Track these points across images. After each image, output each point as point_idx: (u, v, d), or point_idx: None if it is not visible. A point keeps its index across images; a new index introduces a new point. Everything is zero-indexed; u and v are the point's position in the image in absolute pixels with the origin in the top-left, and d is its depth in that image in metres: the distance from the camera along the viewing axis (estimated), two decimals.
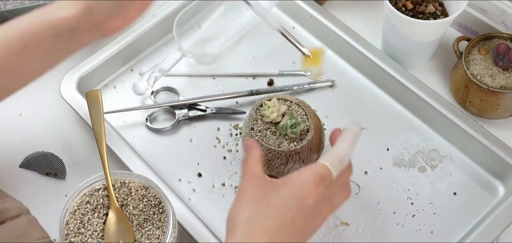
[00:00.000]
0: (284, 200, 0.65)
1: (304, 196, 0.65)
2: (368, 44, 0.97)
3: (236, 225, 0.64)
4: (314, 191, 0.65)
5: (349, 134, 0.70)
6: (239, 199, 0.66)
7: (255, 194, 0.65)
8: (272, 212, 0.64)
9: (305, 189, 0.65)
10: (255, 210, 0.64)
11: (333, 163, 0.67)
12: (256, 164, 0.68)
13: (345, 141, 0.69)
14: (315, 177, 0.66)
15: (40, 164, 0.89)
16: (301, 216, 0.65)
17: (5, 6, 0.96)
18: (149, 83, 0.92)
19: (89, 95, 0.85)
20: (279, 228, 0.64)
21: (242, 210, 0.65)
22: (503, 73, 0.89)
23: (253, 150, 0.70)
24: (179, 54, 0.94)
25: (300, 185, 0.65)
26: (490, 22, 0.98)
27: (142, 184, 0.77)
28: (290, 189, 0.65)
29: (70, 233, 0.73)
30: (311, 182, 0.65)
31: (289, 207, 0.64)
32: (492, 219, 0.80)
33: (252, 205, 0.64)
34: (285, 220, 0.64)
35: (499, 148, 0.85)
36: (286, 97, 0.84)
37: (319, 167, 0.67)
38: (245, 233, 0.63)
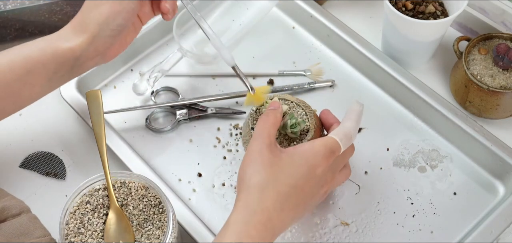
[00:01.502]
0: (297, 167, 0.69)
1: (315, 166, 0.70)
2: (368, 44, 0.97)
3: (250, 189, 0.68)
4: (324, 163, 0.70)
5: (354, 113, 0.76)
6: (253, 160, 0.70)
7: (269, 159, 0.69)
8: (285, 178, 0.69)
9: (317, 159, 0.70)
10: (269, 174, 0.68)
11: (342, 139, 0.73)
12: (273, 128, 0.73)
13: (351, 119, 0.75)
14: (326, 149, 0.71)
15: (40, 164, 0.89)
16: (309, 184, 0.70)
17: (5, 6, 0.96)
18: (149, 83, 0.92)
19: (89, 95, 0.85)
20: (289, 193, 0.68)
21: (258, 173, 0.68)
22: (503, 73, 0.89)
23: (276, 112, 0.75)
24: (179, 54, 0.94)
25: (312, 155, 0.70)
26: (490, 22, 0.98)
27: (142, 184, 0.77)
28: (304, 157, 0.70)
29: (70, 233, 0.73)
30: (322, 154, 0.70)
31: (301, 174, 0.69)
32: (492, 219, 0.80)
33: (267, 170, 0.68)
34: (296, 186, 0.69)
35: (499, 148, 0.85)
36: (286, 97, 0.84)
37: (330, 140, 0.72)
38: (259, 196, 0.67)
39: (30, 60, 0.77)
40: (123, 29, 0.80)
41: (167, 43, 1.02)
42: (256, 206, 0.67)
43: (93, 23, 0.77)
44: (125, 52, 0.98)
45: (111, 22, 0.78)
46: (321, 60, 1.00)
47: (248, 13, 1.01)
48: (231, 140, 0.91)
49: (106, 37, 0.78)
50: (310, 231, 0.82)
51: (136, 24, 0.84)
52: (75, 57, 0.78)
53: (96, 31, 0.77)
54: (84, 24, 0.78)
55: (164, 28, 1.01)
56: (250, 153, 0.70)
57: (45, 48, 0.78)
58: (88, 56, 0.79)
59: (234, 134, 0.91)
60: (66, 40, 0.78)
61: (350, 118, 0.75)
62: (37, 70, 0.77)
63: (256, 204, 0.67)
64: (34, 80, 0.78)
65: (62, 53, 0.77)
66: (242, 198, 0.68)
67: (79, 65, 0.79)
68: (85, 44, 0.78)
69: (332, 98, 0.96)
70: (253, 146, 0.71)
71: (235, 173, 0.88)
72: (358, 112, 0.76)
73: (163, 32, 1.02)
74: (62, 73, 0.79)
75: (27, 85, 0.78)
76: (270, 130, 0.72)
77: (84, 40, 0.77)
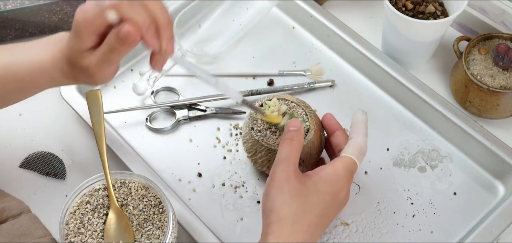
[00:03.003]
0: (322, 196, 0.69)
1: (338, 191, 0.70)
2: (368, 44, 0.97)
3: (282, 220, 0.67)
4: (346, 186, 0.71)
5: (362, 125, 0.76)
6: (281, 190, 0.68)
7: (297, 188, 0.69)
8: (313, 208, 0.68)
9: (339, 184, 0.70)
10: (298, 205, 0.68)
11: (359, 157, 0.73)
12: (299, 152, 0.72)
13: (361, 132, 0.75)
14: (347, 172, 0.71)
15: (40, 164, 0.89)
16: (333, 210, 0.71)
17: (5, 6, 0.96)
18: (149, 83, 0.92)
19: (89, 95, 0.85)
20: (317, 224, 0.69)
21: (287, 205, 0.67)
22: (503, 73, 0.89)
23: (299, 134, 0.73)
24: (179, 54, 0.94)
25: (335, 180, 0.70)
26: (490, 22, 0.98)
27: (142, 184, 0.77)
28: (328, 184, 0.70)
29: (70, 233, 0.73)
30: (344, 177, 0.71)
31: (326, 203, 0.69)
32: (492, 219, 0.80)
33: (296, 200, 0.68)
34: (323, 215, 0.69)
35: (499, 148, 0.85)
36: (286, 97, 0.84)
37: (349, 162, 0.72)
38: (292, 229, 0.67)
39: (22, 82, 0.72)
40: None
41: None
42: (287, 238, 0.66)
43: None
44: None
45: None
46: (321, 60, 1.00)
47: (248, 13, 1.01)
48: (231, 140, 0.91)
49: None
50: None
51: None
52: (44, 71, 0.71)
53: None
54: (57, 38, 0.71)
55: None
56: (276, 180, 0.69)
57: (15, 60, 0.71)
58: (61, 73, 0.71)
59: (234, 134, 0.91)
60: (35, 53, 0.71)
61: (360, 132, 0.75)
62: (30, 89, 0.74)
63: (287, 237, 0.66)
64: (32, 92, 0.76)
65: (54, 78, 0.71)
66: (274, 231, 0.67)
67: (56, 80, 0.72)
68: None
69: (332, 98, 0.96)
70: (278, 172, 0.69)
71: (235, 173, 0.87)
72: (366, 122, 0.77)
73: None
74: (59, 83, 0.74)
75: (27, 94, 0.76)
76: (295, 155, 0.71)
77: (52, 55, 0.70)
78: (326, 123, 0.80)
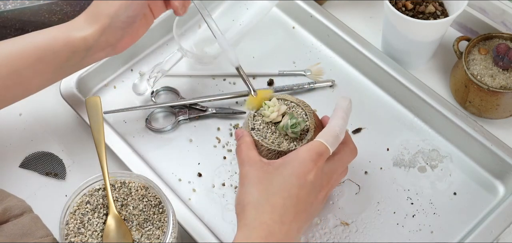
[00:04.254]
0: (286, 178, 0.69)
1: (304, 172, 0.69)
2: (368, 44, 0.97)
3: (245, 208, 0.68)
4: (313, 167, 0.70)
5: (340, 110, 0.75)
6: (243, 184, 0.71)
7: (258, 176, 0.70)
8: (277, 189, 0.68)
9: (304, 166, 0.70)
10: (260, 191, 0.69)
11: (328, 139, 0.72)
12: (251, 149, 0.74)
13: (338, 116, 0.74)
14: (312, 154, 0.70)
15: (40, 164, 0.89)
16: (304, 192, 0.69)
17: (5, 6, 0.96)
18: (149, 83, 0.92)
19: (88, 102, 0.85)
20: (285, 205, 0.68)
21: (249, 193, 0.69)
22: (503, 73, 0.89)
23: (244, 137, 0.76)
24: (179, 54, 0.94)
25: (299, 162, 0.70)
26: (490, 22, 0.98)
27: (142, 184, 0.77)
28: (291, 166, 0.70)
29: (70, 233, 0.73)
30: (309, 159, 0.70)
31: (292, 184, 0.69)
32: (492, 219, 0.80)
33: (257, 187, 0.69)
34: (290, 196, 0.68)
35: (499, 148, 0.85)
36: (286, 97, 0.84)
37: (315, 144, 0.71)
38: (255, 212, 0.67)
39: (41, 48, 0.79)
40: (134, 21, 0.81)
41: (167, 43, 1.02)
42: (253, 222, 0.67)
43: (104, 14, 0.79)
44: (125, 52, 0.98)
45: (122, 13, 0.79)
46: (321, 60, 1.00)
47: (248, 13, 1.01)
48: (231, 140, 0.91)
49: (117, 28, 0.80)
50: (310, 231, 0.82)
51: (147, 16, 0.84)
52: (87, 47, 0.79)
53: (107, 22, 0.79)
54: (96, 15, 0.79)
55: (164, 28, 1.01)
56: (241, 179, 0.72)
57: (57, 37, 0.79)
58: (99, 47, 0.80)
59: (234, 134, 0.91)
60: (78, 29, 0.79)
61: (336, 116, 0.75)
62: (48, 58, 0.79)
63: (253, 220, 0.67)
64: (44, 67, 0.79)
65: (74, 42, 0.79)
66: (241, 220, 0.69)
67: (90, 55, 0.81)
68: (96, 35, 0.79)
69: (332, 98, 0.96)
70: (241, 173, 0.72)
71: (235, 173, 0.88)
72: (345, 108, 0.76)
73: (163, 32, 1.02)
74: (73, 62, 0.81)
75: (38, 72, 0.80)
76: (247, 153, 0.73)
77: (95, 30, 0.79)
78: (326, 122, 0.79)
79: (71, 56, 0.80)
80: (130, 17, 0.80)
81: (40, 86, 0.83)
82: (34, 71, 0.79)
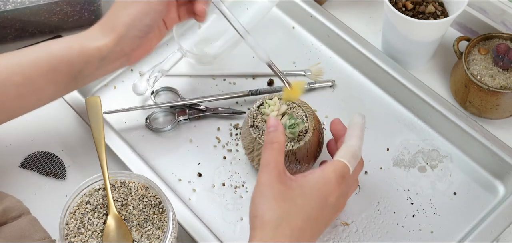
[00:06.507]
0: (309, 199, 0.67)
1: (327, 195, 0.68)
2: (368, 44, 0.97)
3: (264, 226, 0.65)
4: (337, 190, 0.69)
5: (357, 128, 0.74)
6: (265, 194, 0.67)
7: (281, 191, 0.67)
8: (298, 211, 0.66)
9: (328, 187, 0.68)
10: (283, 209, 0.66)
11: (350, 160, 0.71)
12: (281, 154, 0.70)
13: (356, 135, 0.73)
14: (337, 176, 0.69)
15: (40, 164, 0.89)
16: (324, 214, 0.68)
17: (5, 6, 0.96)
18: (149, 83, 0.92)
19: (88, 102, 0.85)
20: (303, 227, 0.66)
21: (270, 209, 0.66)
22: (503, 73, 0.89)
23: (279, 135, 0.71)
24: (179, 54, 0.94)
25: (324, 184, 0.68)
26: (490, 22, 0.98)
27: (142, 184, 0.77)
28: (315, 187, 0.68)
29: (70, 233, 0.73)
30: (334, 181, 0.69)
31: (313, 206, 0.67)
32: (492, 219, 0.80)
33: (279, 204, 0.66)
34: (309, 219, 0.67)
35: (499, 148, 0.85)
36: None
37: (339, 165, 0.70)
38: (274, 233, 0.65)
39: (55, 57, 0.77)
40: (150, 30, 0.80)
41: (167, 43, 1.02)
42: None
43: (121, 23, 0.78)
44: None
45: (139, 23, 0.78)
46: (321, 60, 1.00)
47: (248, 13, 1.01)
48: (231, 140, 0.91)
49: (133, 37, 0.79)
50: None
51: (161, 28, 0.84)
52: (101, 57, 0.78)
53: (123, 31, 0.78)
54: (112, 24, 0.78)
55: None
56: (260, 185, 0.68)
57: (72, 46, 0.78)
58: (114, 57, 0.79)
59: (234, 134, 0.91)
60: (93, 39, 0.78)
61: (354, 135, 0.73)
62: (62, 67, 0.78)
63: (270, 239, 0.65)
64: (58, 77, 0.78)
65: (89, 52, 0.78)
66: (257, 236, 0.66)
67: (105, 65, 0.80)
68: (111, 44, 0.78)
69: (332, 98, 0.96)
70: (262, 178, 0.68)
71: (235, 173, 0.88)
72: (361, 125, 0.75)
73: None
74: (87, 72, 0.79)
75: (51, 82, 0.78)
76: (277, 158, 0.69)
77: (111, 39, 0.78)
78: (333, 128, 0.78)
79: (84, 66, 0.78)
80: (147, 26, 0.79)
81: (53, 96, 0.81)
82: (48, 80, 0.78)
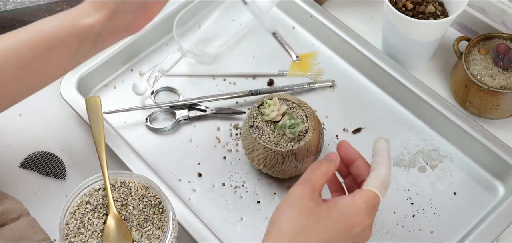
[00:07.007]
0: (334, 223, 0.64)
1: (354, 225, 0.65)
2: (368, 44, 0.97)
3: (282, 233, 0.63)
4: (365, 221, 0.66)
5: (385, 155, 0.70)
6: (291, 206, 0.65)
7: (308, 207, 0.64)
8: (319, 231, 0.64)
9: (357, 218, 0.65)
10: (304, 224, 0.64)
11: (381, 190, 0.68)
12: (324, 176, 0.67)
13: (385, 164, 0.69)
14: (367, 207, 0.66)
15: (40, 164, 0.89)
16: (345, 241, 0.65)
17: (5, 6, 0.96)
18: (149, 83, 0.92)
19: (88, 102, 0.85)
20: None
21: (292, 221, 0.64)
22: (503, 73, 0.89)
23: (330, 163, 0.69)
24: (179, 54, 0.94)
25: (353, 213, 0.65)
26: (490, 22, 0.98)
27: (142, 184, 0.77)
28: (343, 215, 0.65)
29: (70, 233, 0.73)
30: (364, 212, 0.65)
31: (337, 232, 0.64)
32: (492, 219, 0.80)
33: (302, 219, 0.64)
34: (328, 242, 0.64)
35: (499, 148, 0.85)
36: (287, 97, 0.84)
37: (371, 196, 0.67)
38: None
39: (50, 37, 0.74)
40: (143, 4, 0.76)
41: (167, 43, 1.02)
42: None
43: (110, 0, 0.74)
44: (125, 52, 0.98)
45: None
46: (321, 60, 1.00)
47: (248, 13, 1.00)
48: (231, 140, 0.91)
49: (126, 13, 0.75)
50: None
51: None
52: (96, 34, 0.75)
53: (114, 8, 0.74)
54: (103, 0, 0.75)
55: (164, 28, 1.01)
56: (290, 196, 0.66)
57: (64, 25, 0.75)
58: (110, 32, 0.76)
59: (234, 134, 0.91)
60: (85, 16, 0.75)
61: (383, 163, 0.70)
62: (58, 47, 0.75)
63: None
64: (56, 57, 0.76)
65: (82, 30, 0.75)
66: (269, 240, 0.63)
67: (101, 41, 0.77)
68: (104, 20, 0.75)
69: (332, 98, 0.96)
70: (295, 190, 0.66)
71: (235, 173, 0.88)
72: (388, 151, 0.71)
73: (163, 32, 1.02)
74: (85, 49, 0.77)
75: (51, 62, 0.76)
76: (318, 178, 0.67)
77: (103, 16, 0.74)
78: (344, 153, 0.73)
79: (81, 44, 0.75)
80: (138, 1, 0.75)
81: (56, 75, 0.79)
82: (46, 61, 0.75)
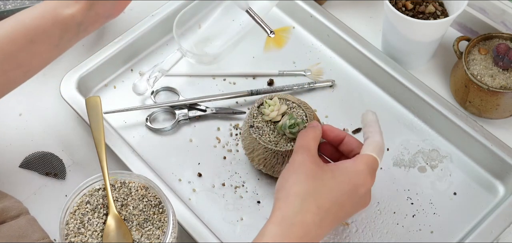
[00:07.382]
0: (339, 184, 0.67)
1: (359, 185, 0.68)
2: (368, 44, 0.97)
3: (289, 198, 0.65)
4: (368, 182, 0.69)
5: (376, 125, 0.74)
6: (295, 170, 0.67)
7: (312, 170, 0.67)
8: (328, 192, 0.66)
9: (360, 178, 0.68)
10: (311, 186, 0.66)
11: (379, 154, 0.71)
12: (314, 141, 0.71)
13: (377, 131, 0.73)
14: (369, 168, 0.69)
15: (40, 164, 0.89)
16: (350, 202, 0.68)
17: (5, 6, 0.96)
18: (149, 83, 0.92)
19: (88, 102, 0.85)
20: (330, 209, 0.66)
21: (299, 183, 0.66)
22: (503, 73, 0.89)
23: (315, 128, 0.73)
24: (179, 54, 0.94)
25: (356, 173, 0.68)
26: (490, 22, 0.98)
27: (142, 184, 0.77)
28: (347, 175, 0.68)
29: (70, 233, 0.73)
30: (366, 172, 0.69)
31: (344, 192, 0.67)
32: (492, 219, 0.80)
33: (309, 181, 0.66)
34: (337, 202, 0.67)
35: (499, 148, 0.85)
36: (287, 97, 0.84)
37: (371, 159, 0.70)
38: (300, 206, 0.65)
39: (31, 29, 0.74)
40: None
41: (167, 43, 1.02)
42: (294, 218, 0.64)
43: None
44: (125, 52, 0.98)
45: None
46: (321, 60, 1.00)
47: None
48: (231, 140, 0.91)
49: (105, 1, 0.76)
50: None
51: None
52: (77, 23, 0.76)
53: None
54: None
55: (164, 28, 1.01)
56: (293, 163, 0.68)
57: (45, 15, 0.74)
58: (91, 20, 0.77)
59: (234, 134, 0.91)
60: (65, 6, 0.75)
61: (376, 131, 0.73)
62: (40, 39, 0.75)
63: (294, 216, 0.64)
64: (39, 48, 0.76)
65: (63, 20, 0.75)
66: (281, 207, 0.65)
67: (84, 29, 0.77)
68: (84, 10, 0.75)
69: (332, 98, 0.96)
70: (295, 157, 0.69)
71: (235, 173, 0.88)
72: (377, 121, 0.75)
73: (163, 32, 1.02)
74: (68, 38, 0.77)
75: (34, 54, 0.76)
76: (310, 143, 0.70)
77: (82, 6, 0.75)
78: (330, 135, 0.76)
79: (63, 34, 0.75)
80: None
81: (41, 66, 0.79)
82: (30, 53, 0.75)
